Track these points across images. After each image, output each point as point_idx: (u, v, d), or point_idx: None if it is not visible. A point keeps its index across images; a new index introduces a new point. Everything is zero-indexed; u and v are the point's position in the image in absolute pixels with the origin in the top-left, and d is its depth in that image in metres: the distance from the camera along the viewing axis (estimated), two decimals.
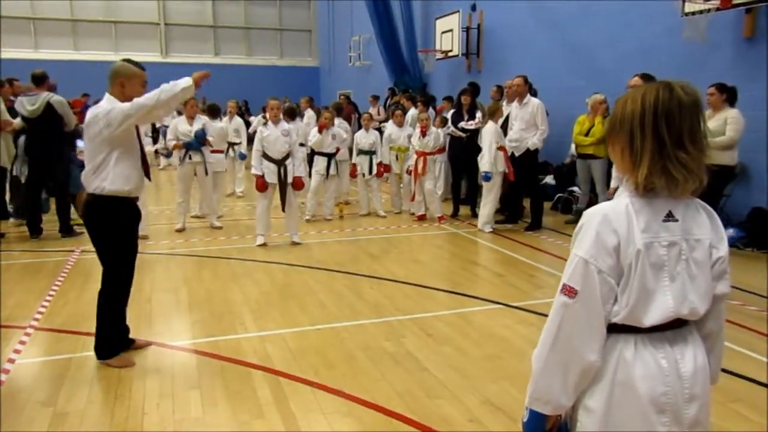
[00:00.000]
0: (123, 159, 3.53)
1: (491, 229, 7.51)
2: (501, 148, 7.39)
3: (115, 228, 3.58)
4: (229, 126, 9.69)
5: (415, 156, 8.13)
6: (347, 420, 3.03)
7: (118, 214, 3.56)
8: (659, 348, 1.50)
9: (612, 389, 1.50)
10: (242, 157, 9.99)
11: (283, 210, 6.80)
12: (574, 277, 1.49)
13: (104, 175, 3.49)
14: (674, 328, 1.52)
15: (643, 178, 1.44)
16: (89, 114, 3.51)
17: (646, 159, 1.44)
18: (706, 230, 1.53)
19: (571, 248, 1.55)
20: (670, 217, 1.49)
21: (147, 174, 3.78)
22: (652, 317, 1.47)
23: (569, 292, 1.49)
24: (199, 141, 7.52)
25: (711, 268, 1.53)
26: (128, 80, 3.61)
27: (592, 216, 1.51)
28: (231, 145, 9.82)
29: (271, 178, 6.62)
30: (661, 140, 1.43)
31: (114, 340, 3.71)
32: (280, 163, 6.63)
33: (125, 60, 3.67)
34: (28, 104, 6.67)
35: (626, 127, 1.47)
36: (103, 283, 3.64)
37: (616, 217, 1.47)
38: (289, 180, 6.65)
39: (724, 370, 3.49)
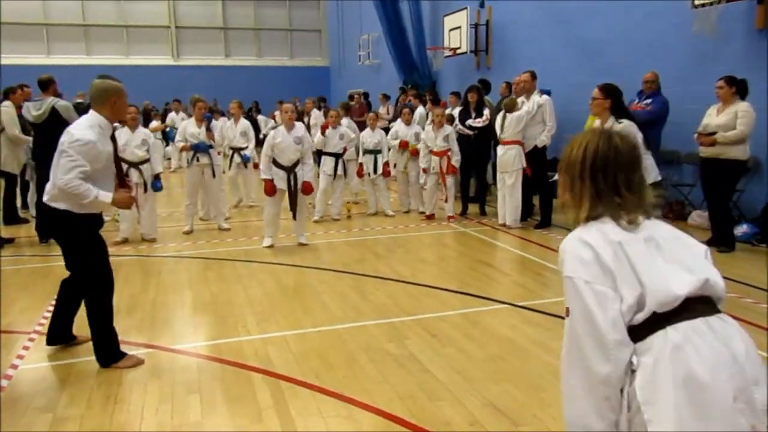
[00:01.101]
0: (91, 183, 3.42)
1: (520, 225, 7.54)
2: (520, 142, 7.34)
3: (80, 238, 3.50)
4: (234, 129, 9.03)
5: (433, 158, 8.01)
6: (347, 424, 2.99)
7: (82, 227, 3.49)
8: (695, 330, 1.47)
9: (676, 390, 1.41)
10: (246, 159, 9.11)
11: (294, 218, 6.70)
12: (568, 298, 1.57)
13: (67, 195, 3.39)
14: (704, 315, 1.51)
15: (584, 217, 1.63)
16: (67, 135, 3.41)
17: (585, 203, 1.62)
18: (667, 228, 1.65)
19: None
20: (632, 223, 1.60)
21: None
22: (679, 288, 1.48)
23: (567, 313, 1.58)
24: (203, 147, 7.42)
25: (704, 257, 1.62)
26: (119, 98, 3.53)
27: (566, 242, 1.65)
28: (236, 150, 9.07)
29: (280, 184, 6.50)
30: (599, 187, 1.60)
31: (113, 341, 3.67)
32: (290, 170, 6.49)
33: (104, 76, 3.56)
34: (34, 109, 6.71)
35: (570, 171, 1.65)
36: (84, 289, 3.60)
37: (587, 234, 1.59)
38: (299, 186, 6.52)
39: None
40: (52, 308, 4.71)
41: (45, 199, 3.47)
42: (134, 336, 4.15)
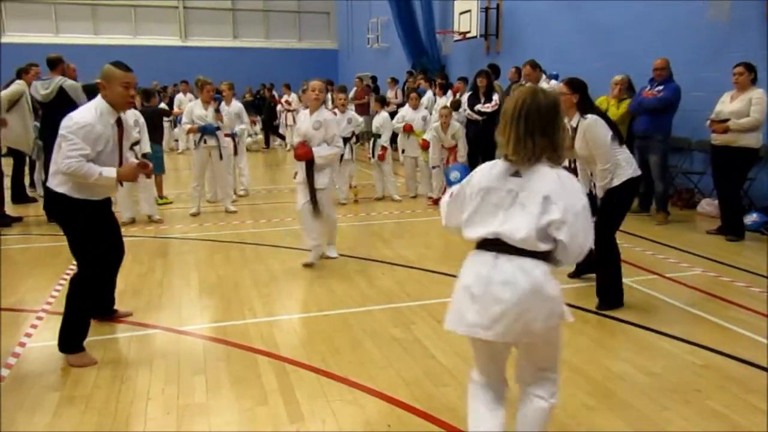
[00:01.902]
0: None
1: None
2: None
3: (79, 224, 3.40)
4: (229, 111, 8.20)
5: (443, 149, 7.98)
6: (351, 408, 3.00)
7: (80, 212, 3.40)
8: (486, 258, 2.16)
9: (459, 286, 2.24)
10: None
11: (314, 214, 5.31)
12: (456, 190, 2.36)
13: (65, 179, 3.35)
14: (507, 253, 2.12)
15: (507, 153, 2.18)
16: (67, 119, 3.35)
17: (511, 141, 2.15)
18: (545, 188, 2.09)
19: None
20: (516, 174, 2.16)
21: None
22: (476, 235, 2.21)
23: (452, 195, 2.37)
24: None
25: (547, 225, 2.08)
26: (109, 83, 3.41)
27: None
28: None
29: (300, 176, 5.38)
30: (519, 131, 2.12)
31: (81, 334, 3.51)
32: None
33: (112, 63, 3.48)
34: (42, 88, 6.70)
35: (504, 118, 2.20)
36: (78, 272, 3.48)
37: (484, 166, 2.29)
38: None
39: (741, 360, 3.40)
40: (60, 287, 4.78)
41: (52, 186, 3.42)
42: (140, 316, 4.17)
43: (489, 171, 2.22)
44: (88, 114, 3.36)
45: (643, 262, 5.35)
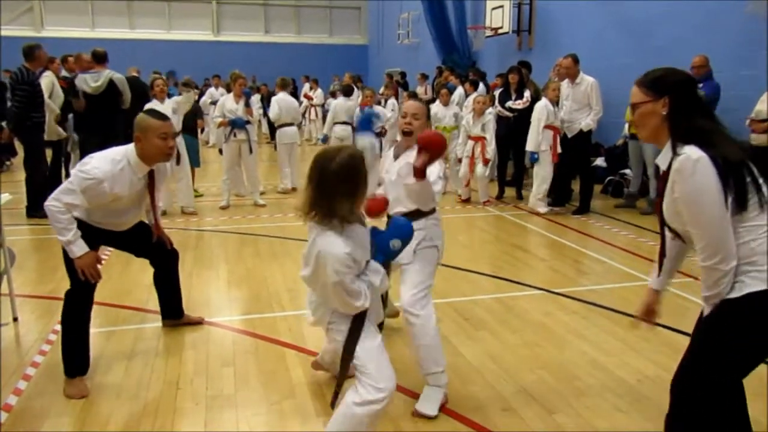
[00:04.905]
0: (101, 210, 3.16)
1: (547, 209, 7.35)
2: (551, 126, 7.20)
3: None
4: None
5: (469, 141, 7.93)
6: None
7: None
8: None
9: None
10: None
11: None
12: None
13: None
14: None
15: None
16: (89, 157, 3.11)
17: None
18: (306, 248, 2.45)
19: None
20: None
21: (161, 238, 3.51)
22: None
23: None
24: None
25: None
26: (144, 134, 3.07)
27: None
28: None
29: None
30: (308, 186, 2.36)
31: (73, 355, 3.19)
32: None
33: (146, 112, 3.20)
34: (92, 81, 6.85)
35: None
36: (66, 295, 3.29)
37: None
38: None
39: None
40: None
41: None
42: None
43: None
44: (108, 165, 3.01)
45: None
